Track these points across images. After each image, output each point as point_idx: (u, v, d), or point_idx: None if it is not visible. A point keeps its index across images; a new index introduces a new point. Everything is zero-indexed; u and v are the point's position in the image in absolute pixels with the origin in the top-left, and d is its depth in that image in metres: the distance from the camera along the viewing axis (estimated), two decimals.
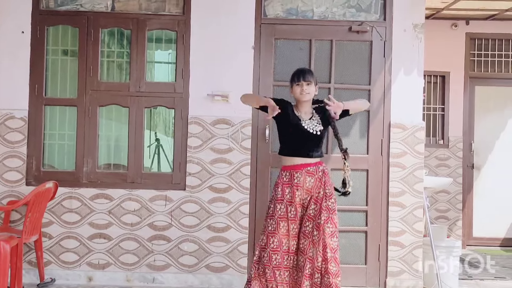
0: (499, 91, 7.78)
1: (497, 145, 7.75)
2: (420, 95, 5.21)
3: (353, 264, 5.12)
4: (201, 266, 5.06)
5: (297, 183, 3.85)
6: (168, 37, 5.36)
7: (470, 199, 7.73)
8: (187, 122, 5.10)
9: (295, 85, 3.94)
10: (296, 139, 3.90)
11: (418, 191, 5.12)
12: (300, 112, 3.96)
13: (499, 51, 7.73)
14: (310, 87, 3.92)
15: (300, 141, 3.89)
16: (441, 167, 7.63)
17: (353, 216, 5.17)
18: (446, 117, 7.74)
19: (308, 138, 3.89)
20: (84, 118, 5.14)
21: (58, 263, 5.07)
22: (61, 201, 5.06)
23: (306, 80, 3.91)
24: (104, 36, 5.28)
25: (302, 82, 3.90)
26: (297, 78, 3.92)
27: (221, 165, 5.08)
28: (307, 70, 4.06)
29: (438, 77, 7.77)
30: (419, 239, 5.12)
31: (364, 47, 5.21)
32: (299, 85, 3.91)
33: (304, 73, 3.95)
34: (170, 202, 5.07)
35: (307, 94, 3.91)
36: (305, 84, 3.90)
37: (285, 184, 3.87)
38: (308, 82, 3.91)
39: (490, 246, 7.59)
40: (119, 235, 5.07)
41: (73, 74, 5.23)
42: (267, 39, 5.16)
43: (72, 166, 5.19)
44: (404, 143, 5.13)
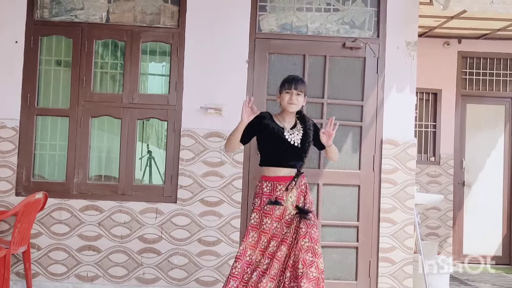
0: (490, 109, 7.84)
1: (488, 163, 7.80)
2: (412, 112, 5.24)
3: (343, 280, 5.11)
4: (191, 280, 5.02)
5: (280, 195, 3.69)
6: (162, 49, 5.37)
7: (460, 217, 7.75)
8: (180, 135, 5.09)
9: (284, 92, 3.78)
10: (278, 149, 3.74)
11: (409, 208, 5.13)
12: (284, 121, 3.82)
13: (490, 70, 7.80)
14: (299, 98, 3.78)
15: (282, 152, 3.74)
16: (432, 184, 7.66)
17: (344, 231, 5.17)
18: (438, 134, 7.78)
19: (290, 149, 3.74)
20: (76, 129, 5.12)
21: (46, 275, 5.02)
22: (51, 212, 5.03)
23: (297, 89, 3.76)
24: (98, 47, 5.28)
25: (292, 91, 3.75)
26: (288, 85, 3.77)
27: (213, 178, 5.07)
28: (299, 79, 3.88)
29: (430, 94, 7.83)
30: (410, 256, 5.12)
31: (358, 63, 5.24)
32: (288, 93, 3.76)
33: (297, 81, 3.79)
34: (160, 215, 5.05)
35: (294, 105, 3.77)
36: (295, 93, 3.75)
37: (266, 195, 3.71)
38: (298, 92, 3.76)
39: (480, 264, 7.59)
40: (108, 247, 5.03)
41: (66, 85, 5.22)
42: (261, 54, 5.18)
43: (62, 177, 5.16)
44: (395, 159, 5.15)
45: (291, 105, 3.78)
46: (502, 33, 7.25)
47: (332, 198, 5.16)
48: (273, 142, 3.75)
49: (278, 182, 3.72)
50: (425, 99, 7.84)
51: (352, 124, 5.19)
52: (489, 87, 7.80)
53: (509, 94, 7.79)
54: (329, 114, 5.15)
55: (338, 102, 5.19)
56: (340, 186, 5.18)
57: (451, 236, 7.64)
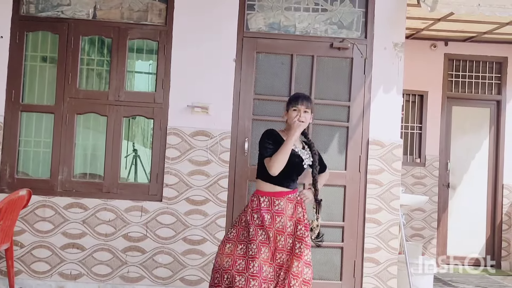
0: (475, 112, 7.92)
1: (473, 165, 7.87)
2: (399, 113, 5.26)
3: (328, 280, 5.12)
4: (176, 279, 5.01)
5: (278, 210, 3.64)
6: (149, 47, 5.35)
7: (445, 218, 7.81)
8: (166, 133, 5.08)
9: (292, 109, 3.68)
10: (287, 168, 3.62)
11: (394, 208, 5.16)
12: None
13: (476, 73, 7.88)
14: (307, 116, 3.68)
15: (290, 171, 3.66)
16: (417, 185, 7.71)
17: (330, 231, 5.17)
18: (424, 136, 7.84)
19: (298, 169, 3.72)
20: (61, 126, 5.09)
21: (29, 272, 4.98)
22: (34, 210, 4.99)
23: (305, 106, 3.67)
24: (84, 43, 5.25)
25: (300, 107, 3.67)
26: (296, 102, 3.68)
27: (199, 177, 5.06)
28: (307, 96, 3.78)
29: (417, 96, 7.89)
30: (394, 256, 5.15)
31: (345, 64, 5.26)
32: (296, 110, 3.67)
33: (305, 98, 3.71)
34: (146, 213, 5.03)
35: (302, 124, 3.65)
36: (302, 111, 3.66)
37: (264, 210, 3.63)
38: (306, 109, 3.68)
39: (464, 265, 7.67)
40: (92, 245, 5.00)
41: (51, 81, 5.19)
42: (248, 53, 5.18)
43: (47, 174, 5.12)
44: (381, 160, 5.17)
45: (298, 123, 3.66)
46: (488, 36, 7.32)
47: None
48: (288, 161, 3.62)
49: (275, 197, 3.66)
50: (411, 101, 7.89)
51: (339, 125, 5.21)
52: (474, 90, 7.87)
53: (494, 97, 7.87)
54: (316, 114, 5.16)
55: (325, 102, 5.21)
56: (326, 186, 5.13)
57: (436, 237, 7.70)
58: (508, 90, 7.80)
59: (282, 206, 3.65)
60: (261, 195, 3.68)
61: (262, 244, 3.58)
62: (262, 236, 3.59)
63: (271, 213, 3.63)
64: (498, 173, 7.76)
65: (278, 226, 3.62)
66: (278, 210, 3.64)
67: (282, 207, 3.64)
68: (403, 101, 5.45)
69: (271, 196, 3.66)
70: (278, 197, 3.66)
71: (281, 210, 3.64)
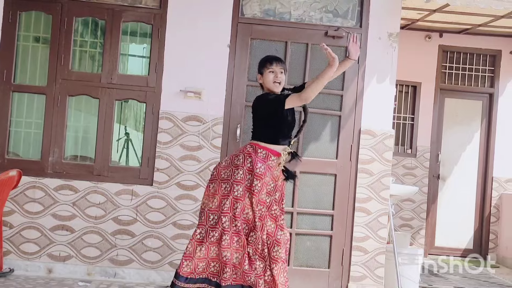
0: (467, 105, 7.95)
1: (463, 158, 7.92)
2: (391, 104, 5.28)
3: (316, 267, 5.16)
4: (165, 263, 5.03)
5: (270, 165, 3.73)
6: (143, 30, 5.32)
7: (434, 209, 7.87)
8: (158, 117, 5.07)
9: (267, 71, 3.73)
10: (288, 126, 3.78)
11: (384, 198, 5.19)
12: None
13: (470, 65, 7.90)
14: (283, 76, 3.75)
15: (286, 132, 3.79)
16: (408, 176, 7.76)
17: (319, 219, 5.21)
18: (415, 127, 7.87)
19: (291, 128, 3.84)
20: (53, 107, 5.07)
21: (18, 253, 4.98)
22: (24, 190, 4.98)
23: (280, 66, 3.72)
24: (77, 25, 5.21)
25: (275, 68, 3.72)
26: (270, 62, 3.73)
27: (190, 162, 5.06)
28: (279, 57, 3.84)
29: (410, 87, 7.90)
30: (383, 246, 5.19)
31: (339, 53, 5.19)
32: (272, 72, 3.72)
33: (278, 59, 3.76)
34: (136, 197, 5.03)
35: (279, 84, 3.73)
36: (279, 71, 3.72)
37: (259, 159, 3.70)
38: (281, 69, 3.74)
39: (451, 256, 7.74)
40: (82, 227, 5.01)
41: (43, 62, 5.16)
42: (243, 39, 5.16)
43: (37, 155, 5.11)
44: (373, 150, 5.19)
45: (276, 84, 3.74)
46: (483, 29, 7.33)
47: (309, 186, 5.19)
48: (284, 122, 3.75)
49: (272, 154, 3.75)
50: (404, 92, 7.91)
51: (331, 113, 5.22)
52: (467, 82, 7.90)
53: (487, 90, 7.90)
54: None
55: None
56: (317, 175, 5.21)
57: (424, 228, 7.77)
58: (501, 83, 7.83)
59: (273, 164, 3.74)
60: (258, 147, 3.74)
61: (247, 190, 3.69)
62: (248, 181, 3.68)
63: (265, 164, 3.70)
64: (488, 165, 7.81)
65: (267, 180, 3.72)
66: (270, 165, 3.73)
67: (272, 166, 3.74)
68: (396, 92, 5.46)
69: (269, 151, 3.73)
70: (274, 155, 3.74)
71: (272, 167, 3.74)
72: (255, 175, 3.68)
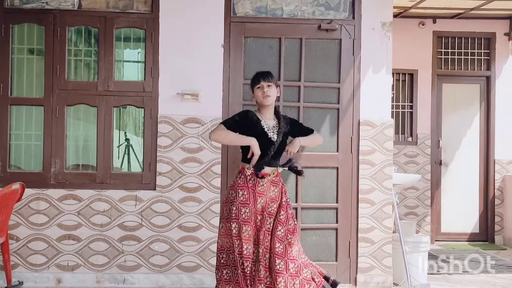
0: (466, 89, 7.94)
1: (464, 142, 7.92)
2: (389, 93, 5.29)
3: (323, 261, 5.16)
4: (173, 266, 5.05)
5: (261, 191, 3.75)
6: (136, 35, 5.33)
7: (438, 195, 7.88)
8: (157, 121, 5.08)
9: (256, 89, 3.86)
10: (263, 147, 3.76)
11: (387, 188, 5.21)
12: (264, 118, 3.87)
13: (465, 49, 7.89)
14: (271, 89, 3.84)
15: (265, 150, 3.77)
16: (410, 164, 7.76)
17: (324, 213, 5.23)
18: (415, 114, 7.87)
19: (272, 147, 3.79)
20: (52, 118, 5.09)
21: (26, 265, 5.00)
22: (29, 203, 5.00)
23: (266, 81, 3.83)
24: (71, 34, 5.23)
25: (262, 84, 3.83)
26: (257, 80, 3.86)
27: (192, 164, 5.08)
28: (266, 72, 3.94)
29: (407, 75, 7.90)
30: (389, 235, 5.21)
31: (333, 45, 5.26)
32: (259, 87, 3.84)
33: (264, 75, 3.88)
34: (140, 202, 5.05)
35: (268, 97, 3.81)
36: (265, 86, 3.82)
37: (250, 188, 3.74)
38: (268, 83, 3.84)
39: (458, 241, 7.76)
40: (88, 236, 5.03)
41: (39, 73, 5.17)
42: (236, 38, 5.17)
43: (39, 167, 5.13)
44: (373, 141, 5.21)
45: (266, 98, 3.83)
46: (475, 12, 7.32)
47: (311, 180, 5.21)
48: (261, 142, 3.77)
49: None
50: (401, 80, 7.90)
51: (329, 107, 5.23)
52: (464, 67, 7.89)
53: (484, 73, 7.89)
54: (306, 97, 5.19)
55: (315, 84, 5.22)
56: (319, 169, 5.23)
57: (429, 215, 7.77)
58: (497, 66, 7.82)
59: (264, 187, 3.76)
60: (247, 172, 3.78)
61: (244, 223, 3.69)
62: (245, 214, 3.70)
63: (253, 192, 3.73)
64: (490, 148, 7.81)
65: (259, 207, 3.74)
66: (260, 191, 3.75)
67: (264, 189, 3.76)
68: (393, 81, 5.48)
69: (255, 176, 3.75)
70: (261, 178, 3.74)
71: (263, 192, 3.75)
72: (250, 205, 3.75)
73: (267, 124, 3.86)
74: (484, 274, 5.77)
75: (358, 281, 5.17)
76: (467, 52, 7.89)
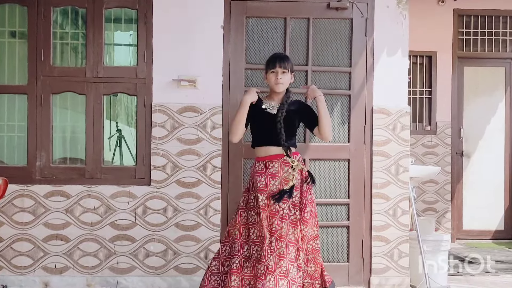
0: (490, 72, 7.91)
1: (488, 131, 7.89)
2: (405, 77, 5.26)
3: (334, 262, 5.16)
4: (169, 268, 5.05)
5: (273, 172, 3.94)
6: (128, 16, 5.31)
7: (459, 189, 7.86)
8: (151, 110, 5.06)
9: (270, 72, 4.00)
10: (266, 126, 3.99)
11: (403, 182, 5.19)
12: (273, 101, 4.06)
13: (489, 29, 7.84)
14: (285, 76, 3.99)
15: (270, 129, 3.96)
16: (429, 155, 7.74)
17: (334, 210, 5.22)
18: (434, 101, 7.84)
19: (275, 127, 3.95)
20: (36, 107, 5.07)
21: (10, 268, 5.01)
22: (12, 200, 5.00)
23: (282, 67, 3.97)
24: (56, 15, 5.21)
25: (277, 69, 3.97)
26: (273, 64, 3.98)
27: (189, 157, 5.07)
28: (284, 56, 4.09)
29: (425, 57, 7.87)
30: (405, 233, 5.20)
31: (344, 26, 5.23)
32: (274, 72, 3.97)
33: (281, 59, 4.00)
34: (133, 199, 5.05)
35: (281, 85, 3.99)
36: (280, 72, 3.97)
37: (258, 173, 3.96)
38: (284, 70, 3.97)
39: (481, 239, 7.75)
40: (77, 236, 5.03)
41: (22, 58, 5.16)
42: (237, 18, 5.13)
43: (23, 161, 5.12)
44: (388, 130, 5.18)
45: (277, 85, 3.99)
46: None
47: (320, 174, 5.19)
48: (260, 119, 4.02)
49: (270, 160, 3.97)
50: (418, 63, 7.88)
51: (340, 93, 5.20)
52: (487, 48, 7.85)
53: (510, 55, 7.86)
54: (314, 82, 5.16)
55: (324, 69, 5.19)
56: (328, 161, 5.21)
57: (450, 210, 7.76)
58: None
59: (276, 168, 3.95)
60: (257, 161, 4.03)
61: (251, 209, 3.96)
62: (252, 201, 3.96)
63: (265, 175, 3.94)
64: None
65: (273, 189, 3.91)
66: (272, 172, 3.95)
67: (277, 170, 3.95)
68: (409, 64, 5.44)
69: (266, 159, 3.97)
70: (272, 160, 3.96)
71: (275, 173, 3.94)
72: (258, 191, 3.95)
73: (269, 104, 4.06)
74: (510, 276, 5.77)
75: (372, 283, 5.16)
76: (491, 32, 7.85)
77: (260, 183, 3.92)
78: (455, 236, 7.70)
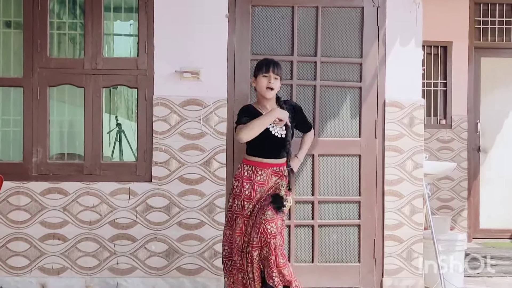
0: (508, 63, 7.89)
1: (506, 125, 7.88)
2: (419, 69, 5.25)
3: (344, 262, 5.17)
4: (172, 269, 5.06)
5: (260, 180, 4.07)
6: (128, 4, 5.31)
7: (476, 186, 7.85)
8: (152, 104, 5.06)
9: (261, 76, 4.06)
10: (264, 143, 4.07)
11: (417, 178, 5.17)
12: (265, 108, 4.12)
13: (507, 18, 7.80)
14: (277, 83, 4.07)
15: (268, 145, 4.08)
16: (444, 151, 7.73)
17: (344, 208, 5.21)
18: (449, 93, 7.83)
19: (276, 142, 4.09)
20: (32, 101, 5.07)
21: (6, 268, 5.02)
22: (7, 198, 5.01)
23: (275, 73, 4.05)
24: (53, 4, 5.22)
25: (270, 74, 4.04)
26: (266, 68, 4.05)
27: (193, 152, 5.07)
28: (277, 62, 4.14)
29: (439, 47, 7.86)
30: (419, 233, 5.19)
31: (355, 15, 5.21)
32: (266, 76, 4.04)
33: (275, 64, 4.08)
34: (134, 196, 5.05)
35: (271, 91, 4.06)
36: (273, 77, 4.04)
37: (246, 179, 4.08)
38: (276, 76, 4.06)
39: (499, 239, 7.73)
40: (76, 235, 5.03)
41: (17, 50, 5.17)
42: (243, 6, 5.12)
43: (19, 156, 5.13)
44: (401, 124, 5.16)
45: (268, 91, 4.06)
46: None
47: (330, 170, 5.19)
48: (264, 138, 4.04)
49: (259, 168, 4.08)
50: (433, 54, 7.86)
51: (350, 85, 5.19)
52: (506, 38, 7.82)
53: None
54: (323, 74, 5.15)
55: (333, 60, 5.18)
56: (338, 157, 5.20)
57: (466, 208, 7.75)
58: None
59: (264, 177, 4.07)
60: (245, 164, 4.13)
61: (236, 215, 4.09)
62: (238, 207, 4.08)
63: (252, 183, 4.06)
64: None
65: (258, 197, 4.05)
66: (260, 181, 4.07)
67: (264, 179, 4.07)
68: (423, 55, 5.43)
69: (255, 165, 4.09)
70: (262, 168, 4.07)
71: (262, 181, 4.07)
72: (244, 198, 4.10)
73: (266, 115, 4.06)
74: None
75: (385, 284, 5.16)
76: (509, 21, 7.81)
77: (248, 191, 4.05)
78: (471, 236, 7.69)
